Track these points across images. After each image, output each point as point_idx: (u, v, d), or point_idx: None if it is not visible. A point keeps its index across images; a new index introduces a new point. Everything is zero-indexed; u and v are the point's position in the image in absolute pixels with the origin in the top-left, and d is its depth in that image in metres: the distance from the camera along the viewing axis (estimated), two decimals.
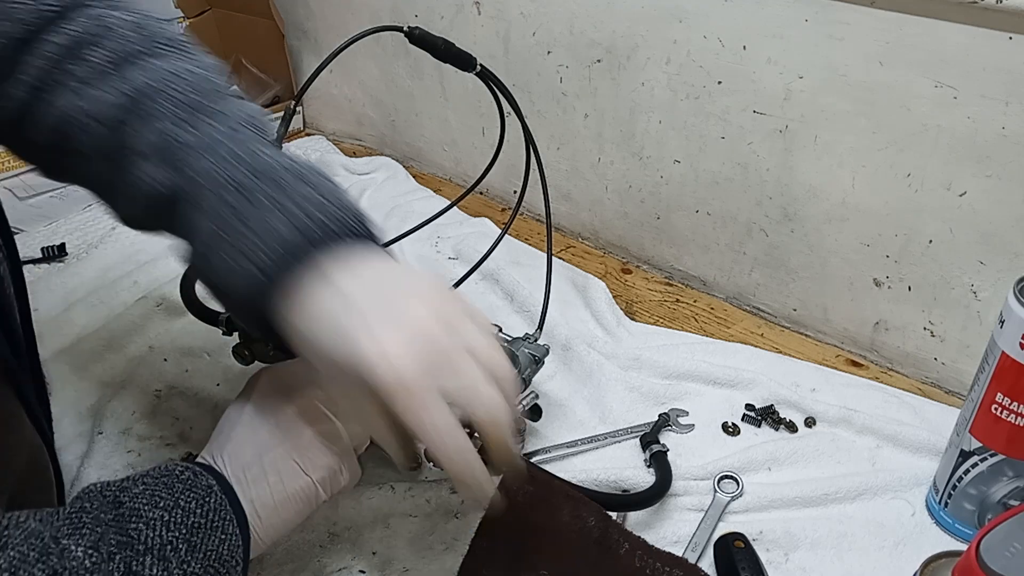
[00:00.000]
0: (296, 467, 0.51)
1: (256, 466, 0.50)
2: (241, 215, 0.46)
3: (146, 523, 0.44)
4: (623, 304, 0.92)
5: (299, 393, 0.53)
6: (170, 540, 0.44)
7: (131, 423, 0.72)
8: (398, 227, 0.90)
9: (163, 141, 0.49)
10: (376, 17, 1.16)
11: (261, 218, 0.45)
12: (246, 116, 0.51)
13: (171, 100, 0.49)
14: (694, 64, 0.86)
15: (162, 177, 0.49)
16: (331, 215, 0.46)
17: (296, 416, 0.52)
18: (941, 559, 0.51)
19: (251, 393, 0.53)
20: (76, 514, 0.42)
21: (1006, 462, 0.60)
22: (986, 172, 0.71)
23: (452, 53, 0.69)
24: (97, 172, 0.52)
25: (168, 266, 0.92)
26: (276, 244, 0.45)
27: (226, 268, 0.46)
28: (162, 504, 0.45)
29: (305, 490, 0.51)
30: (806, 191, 0.83)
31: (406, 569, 0.61)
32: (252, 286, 0.45)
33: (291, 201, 0.46)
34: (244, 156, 0.48)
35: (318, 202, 0.47)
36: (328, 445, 0.52)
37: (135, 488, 0.46)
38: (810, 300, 0.89)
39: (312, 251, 0.45)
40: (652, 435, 0.71)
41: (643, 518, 0.65)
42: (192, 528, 0.45)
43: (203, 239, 0.47)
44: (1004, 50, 0.66)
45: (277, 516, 0.50)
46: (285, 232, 0.45)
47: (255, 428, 0.51)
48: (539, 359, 0.72)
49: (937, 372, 0.82)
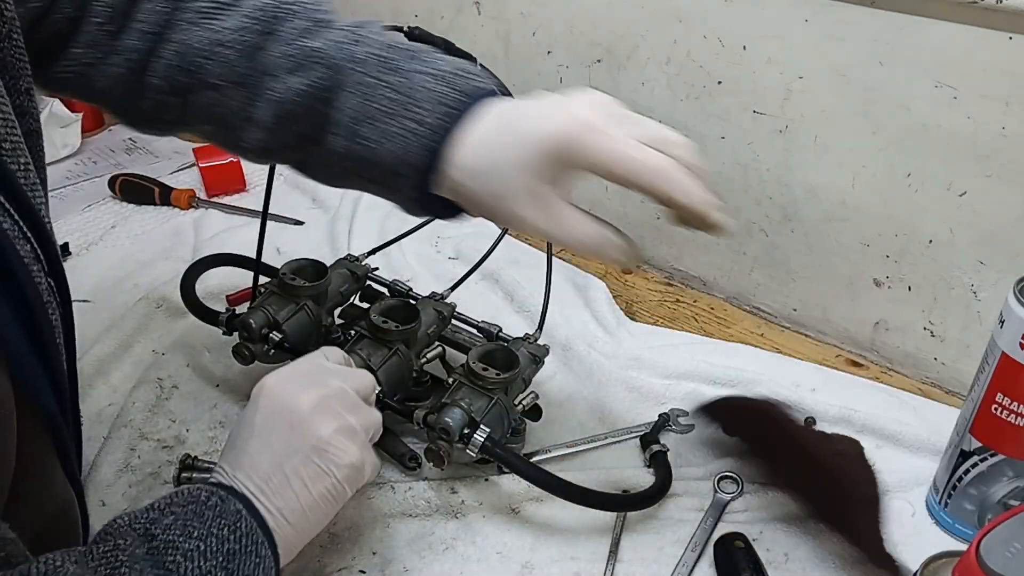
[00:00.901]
0: (319, 469, 0.50)
1: (278, 475, 0.49)
2: (390, 84, 0.50)
3: (184, 555, 0.43)
4: (623, 304, 0.92)
5: (308, 392, 0.52)
6: (209, 570, 0.43)
7: (130, 423, 0.72)
8: (398, 227, 0.90)
9: (299, 51, 0.52)
10: (376, 17, 1.16)
11: (409, 82, 0.49)
12: (361, 21, 0.55)
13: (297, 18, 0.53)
14: (694, 64, 0.86)
15: (300, 83, 0.51)
16: (471, 73, 0.51)
17: (310, 416, 0.51)
18: (941, 559, 0.51)
19: (258, 400, 0.52)
20: (111, 552, 0.42)
21: (1006, 462, 0.60)
22: (986, 172, 0.71)
23: (452, 53, 0.69)
24: (228, 101, 0.54)
25: (168, 266, 0.92)
26: (433, 101, 0.49)
27: (379, 135, 0.50)
28: (196, 534, 0.44)
29: (332, 490, 0.50)
30: (806, 191, 0.83)
31: (406, 569, 0.61)
32: (413, 146, 0.49)
33: (432, 67, 0.51)
34: (374, 37, 0.53)
35: (455, 63, 0.52)
36: (348, 440, 0.51)
37: (165, 519, 0.45)
38: (810, 300, 0.89)
39: (469, 102, 0.49)
40: (652, 435, 0.71)
41: (643, 518, 0.65)
42: (228, 555, 0.45)
43: (351, 115, 0.50)
44: (1004, 50, 0.66)
45: (306, 521, 0.50)
46: (440, 90, 0.49)
47: (269, 436, 0.50)
48: (539, 359, 0.72)
49: (937, 372, 0.82)
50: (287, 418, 0.51)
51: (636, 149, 0.45)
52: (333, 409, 0.52)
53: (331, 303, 0.77)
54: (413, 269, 0.96)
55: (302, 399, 0.51)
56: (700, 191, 0.45)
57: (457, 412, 0.61)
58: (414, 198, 0.52)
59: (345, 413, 0.52)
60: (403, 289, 0.79)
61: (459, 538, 0.63)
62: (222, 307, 0.77)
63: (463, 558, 0.62)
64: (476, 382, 0.64)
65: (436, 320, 0.74)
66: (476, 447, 0.61)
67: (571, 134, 0.45)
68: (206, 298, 0.79)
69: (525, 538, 0.64)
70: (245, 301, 0.82)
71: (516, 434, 0.69)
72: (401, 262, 0.96)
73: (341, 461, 0.50)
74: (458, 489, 0.67)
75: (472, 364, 0.65)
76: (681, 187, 0.45)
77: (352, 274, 0.80)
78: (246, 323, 0.70)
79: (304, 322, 0.72)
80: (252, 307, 0.72)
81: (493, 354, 0.68)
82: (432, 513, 0.65)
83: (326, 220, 1.06)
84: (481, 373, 0.64)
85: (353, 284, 0.80)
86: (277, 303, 0.72)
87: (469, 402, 0.63)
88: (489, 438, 0.61)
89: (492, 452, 0.61)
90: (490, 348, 0.68)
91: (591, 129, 0.45)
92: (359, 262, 0.82)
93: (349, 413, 0.53)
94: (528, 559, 0.62)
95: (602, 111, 0.46)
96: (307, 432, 0.50)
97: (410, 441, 0.71)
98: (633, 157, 0.44)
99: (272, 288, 0.74)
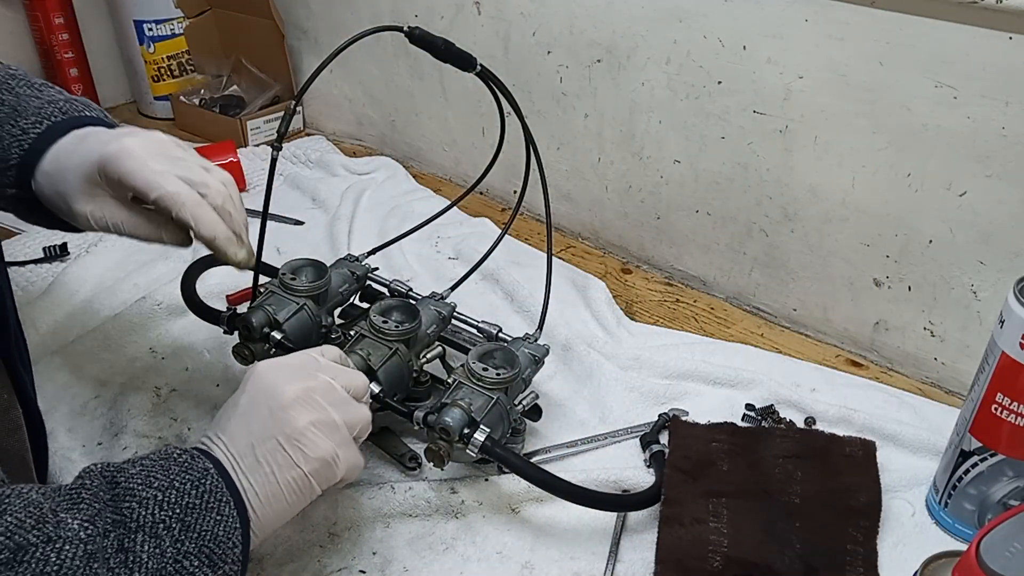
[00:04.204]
0: (288, 458, 0.51)
1: (249, 456, 0.51)
2: (3, 100, 0.60)
3: (139, 502, 0.45)
4: (623, 304, 0.93)
5: (293, 383, 0.53)
6: (163, 519, 0.45)
7: (129, 423, 0.72)
8: (398, 227, 0.90)
9: None
10: (376, 17, 1.16)
11: (22, 103, 0.60)
12: None
13: None
14: (694, 64, 0.86)
15: None
16: (85, 107, 0.62)
17: (290, 405, 0.52)
18: (941, 559, 0.51)
19: (247, 382, 0.54)
20: (76, 490, 0.45)
21: (1006, 462, 0.60)
22: (986, 172, 0.71)
23: (452, 53, 0.69)
24: None
25: (168, 266, 0.92)
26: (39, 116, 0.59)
27: None
28: (156, 484, 0.47)
29: (298, 481, 0.51)
30: (806, 191, 0.83)
31: (406, 569, 0.61)
32: (13, 148, 0.58)
33: (48, 96, 0.61)
34: None
35: (75, 99, 0.63)
36: (323, 435, 0.52)
37: (132, 469, 0.48)
38: (810, 300, 0.89)
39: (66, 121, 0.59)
40: (652, 435, 0.71)
41: (643, 518, 0.65)
42: (186, 508, 0.46)
43: None
44: (1004, 50, 0.66)
45: (273, 506, 0.51)
46: (46, 111, 0.60)
47: (249, 418, 0.52)
48: (539, 359, 0.72)
49: (937, 372, 0.82)
50: (268, 403, 0.52)
51: (167, 180, 0.55)
52: (315, 402, 0.53)
53: (331, 303, 0.77)
54: (413, 269, 0.96)
55: (286, 388, 0.53)
56: (213, 225, 0.56)
57: (457, 412, 0.61)
58: (14, 195, 0.60)
59: (328, 407, 0.53)
60: (403, 289, 0.79)
61: (459, 538, 0.63)
62: (222, 307, 0.77)
63: (463, 558, 0.62)
64: (476, 382, 0.64)
65: (436, 320, 0.74)
66: (476, 447, 0.61)
67: (112, 157, 0.55)
68: (206, 298, 0.79)
69: (525, 538, 0.64)
70: (245, 301, 0.81)
71: (516, 434, 0.69)
72: (401, 262, 0.96)
73: (311, 454, 0.51)
74: (458, 489, 0.67)
75: (472, 364, 0.65)
76: (196, 218, 0.55)
77: (352, 274, 0.80)
78: (247, 322, 0.70)
79: (304, 322, 0.72)
80: (252, 306, 0.72)
81: (493, 354, 0.68)
82: (432, 513, 0.65)
83: (326, 220, 1.06)
84: (481, 373, 0.64)
85: (353, 284, 0.80)
86: (277, 303, 0.72)
87: (469, 402, 0.63)
88: (489, 438, 0.61)
89: (492, 452, 0.61)
90: (490, 348, 0.68)
91: (130, 157, 0.55)
92: (359, 262, 0.82)
93: (333, 408, 0.53)
94: (528, 559, 0.62)
95: (153, 147, 0.57)
96: (283, 420, 0.51)
97: (410, 441, 0.71)
98: (161, 185, 0.55)
99: (272, 288, 0.74)
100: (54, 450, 0.69)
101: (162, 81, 1.35)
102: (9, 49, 1.29)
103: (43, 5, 1.26)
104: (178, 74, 1.36)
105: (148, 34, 1.30)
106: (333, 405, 0.53)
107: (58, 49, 1.29)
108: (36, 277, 0.93)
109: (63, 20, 1.28)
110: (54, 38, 1.28)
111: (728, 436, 0.69)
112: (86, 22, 1.32)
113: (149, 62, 1.33)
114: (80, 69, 1.32)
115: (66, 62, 1.30)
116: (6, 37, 1.29)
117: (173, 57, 1.34)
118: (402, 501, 0.66)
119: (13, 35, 1.29)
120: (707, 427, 0.71)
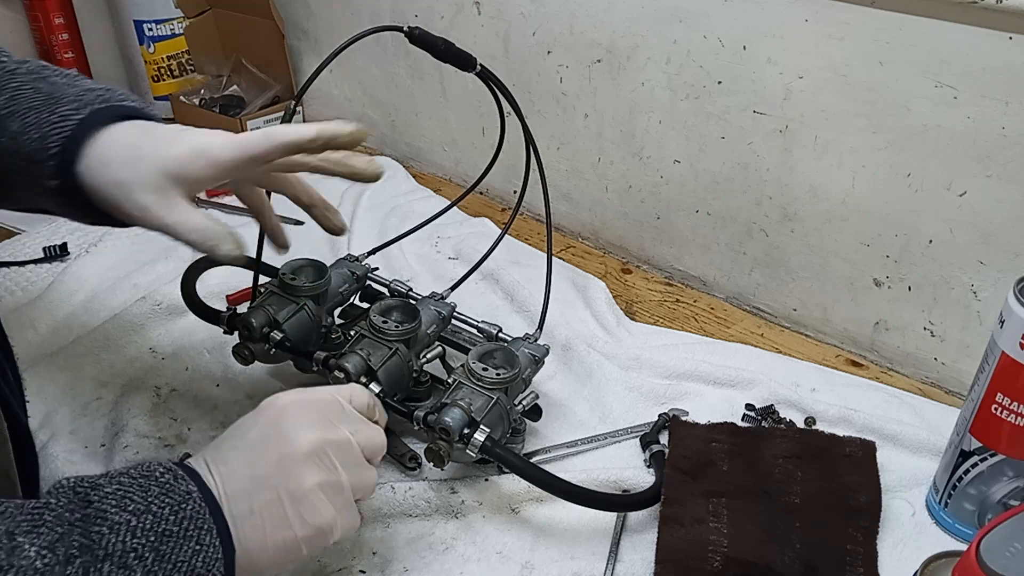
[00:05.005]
0: (284, 517, 0.47)
1: (244, 500, 0.47)
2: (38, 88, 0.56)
3: (110, 527, 0.41)
4: (623, 304, 0.93)
5: (312, 431, 0.50)
6: (134, 547, 0.42)
7: (130, 423, 0.72)
8: (398, 227, 0.90)
9: None
10: (376, 17, 1.16)
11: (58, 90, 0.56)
12: None
13: None
14: (694, 64, 0.86)
15: None
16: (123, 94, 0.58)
17: (302, 460, 0.48)
18: (941, 559, 0.51)
19: (263, 413, 0.50)
20: (39, 510, 0.41)
21: (1006, 462, 0.60)
22: (986, 172, 0.71)
23: (452, 53, 0.69)
24: None
25: (168, 266, 0.92)
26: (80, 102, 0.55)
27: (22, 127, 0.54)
28: (131, 508, 0.43)
29: (287, 543, 0.47)
30: (806, 191, 0.83)
31: (406, 569, 0.61)
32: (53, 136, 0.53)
33: (85, 85, 0.57)
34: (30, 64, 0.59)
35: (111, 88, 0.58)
36: (327, 500, 0.49)
37: (108, 487, 0.44)
38: (810, 300, 0.89)
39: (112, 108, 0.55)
40: (652, 435, 0.71)
41: (643, 518, 0.65)
42: (162, 535, 0.42)
43: None
44: (1004, 50, 0.66)
45: (248, 560, 0.47)
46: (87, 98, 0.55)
47: (255, 456, 0.48)
48: (539, 359, 0.72)
49: (937, 372, 0.82)
50: (280, 448, 0.49)
51: None
52: (327, 460, 0.49)
53: (331, 303, 0.77)
54: (413, 269, 0.96)
55: (303, 438, 0.49)
56: None
57: (457, 412, 0.61)
58: (57, 187, 0.53)
59: (340, 468, 0.50)
60: (403, 289, 0.79)
61: (459, 538, 0.63)
62: (222, 307, 0.77)
63: (463, 558, 0.62)
64: (476, 382, 0.64)
65: (436, 320, 0.74)
66: (476, 447, 0.61)
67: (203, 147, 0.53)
68: (206, 298, 0.79)
69: (525, 538, 0.64)
70: (245, 301, 0.82)
71: (516, 434, 0.69)
72: (401, 262, 0.96)
73: (309, 520, 0.48)
74: (458, 489, 0.67)
75: (472, 364, 0.65)
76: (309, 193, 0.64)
77: (352, 274, 0.80)
78: (247, 322, 0.70)
79: (304, 322, 0.72)
80: (252, 306, 0.72)
81: (493, 354, 0.68)
82: (432, 513, 0.65)
83: None
84: (481, 373, 0.64)
85: (353, 284, 0.80)
86: (277, 303, 0.72)
87: (469, 402, 0.63)
88: (489, 438, 0.61)
89: (492, 452, 0.61)
90: (490, 348, 0.68)
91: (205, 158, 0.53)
92: (359, 262, 0.82)
93: (344, 469, 0.50)
94: (528, 559, 0.62)
95: None
96: (290, 474, 0.48)
97: (410, 441, 0.71)
98: None
99: (272, 288, 0.74)
100: (56, 453, 0.68)
101: (162, 81, 1.35)
102: (9, 49, 1.29)
103: (43, 5, 1.26)
104: (178, 74, 1.36)
105: (148, 34, 1.30)
106: (345, 467, 0.50)
107: (58, 49, 1.29)
108: (36, 277, 0.93)
109: (63, 20, 1.28)
110: (54, 38, 1.28)
111: (728, 436, 0.69)
112: (86, 22, 1.32)
113: (149, 62, 1.33)
114: (80, 69, 1.32)
115: (66, 62, 1.30)
116: (6, 37, 1.29)
117: (173, 57, 1.34)
118: (402, 501, 0.66)
119: (13, 35, 1.29)
120: (707, 427, 0.71)
